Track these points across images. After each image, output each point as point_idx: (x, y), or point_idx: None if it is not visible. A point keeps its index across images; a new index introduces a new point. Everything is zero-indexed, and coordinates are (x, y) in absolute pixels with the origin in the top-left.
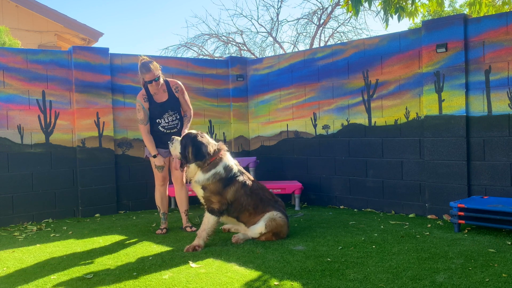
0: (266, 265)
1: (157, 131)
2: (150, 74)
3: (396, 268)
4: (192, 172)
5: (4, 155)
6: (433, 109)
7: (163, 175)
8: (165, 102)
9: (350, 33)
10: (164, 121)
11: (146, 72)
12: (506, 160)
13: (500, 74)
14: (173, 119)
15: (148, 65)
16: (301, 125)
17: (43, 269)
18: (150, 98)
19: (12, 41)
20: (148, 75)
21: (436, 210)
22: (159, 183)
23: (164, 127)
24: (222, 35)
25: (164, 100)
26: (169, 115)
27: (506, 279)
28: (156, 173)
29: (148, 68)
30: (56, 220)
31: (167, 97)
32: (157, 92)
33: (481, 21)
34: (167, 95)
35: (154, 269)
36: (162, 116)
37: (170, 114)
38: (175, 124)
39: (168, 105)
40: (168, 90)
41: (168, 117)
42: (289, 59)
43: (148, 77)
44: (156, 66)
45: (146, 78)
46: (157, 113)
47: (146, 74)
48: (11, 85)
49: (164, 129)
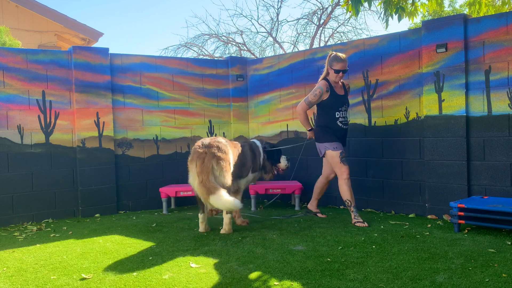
0: (266, 265)
1: (335, 126)
2: (343, 64)
3: (396, 268)
4: None
5: (4, 155)
6: (433, 109)
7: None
8: (343, 96)
9: (350, 33)
10: (342, 115)
11: (340, 61)
12: (506, 160)
13: (500, 74)
14: (346, 115)
15: (342, 56)
16: (301, 125)
17: (43, 269)
18: (332, 88)
19: (12, 41)
20: (341, 64)
21: (436, 210)
22: (345, 176)
23: (342, 122)
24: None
25: (342, 94)
26: (345, 110)
27: (506, 279)
28: (341, 166)
29: (343, 59)
30: (56, 220)
31: (343, 92)
32: (336, 86)
33: (481, 21)
34: (343, 91)
35: (154, 269)
36: (340, 108)
37: (345, 108)
38: (348, 120)
39: (345, 100)
40: (343, 86)
41: (344, 112)
42: (289, 59)
43: (341, 66)
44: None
45: (338, 67)
46: (337, 103)
47: (340, 63)
48: (11, 85)
49: (341, 124)
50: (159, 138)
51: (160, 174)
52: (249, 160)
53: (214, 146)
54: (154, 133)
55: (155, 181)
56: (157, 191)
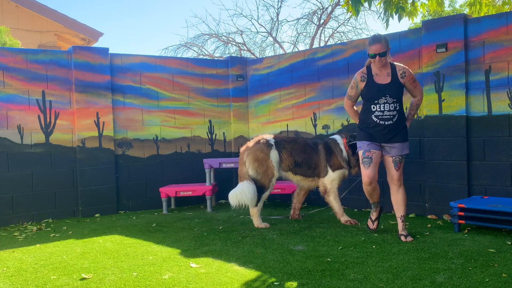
0: (266, 265)
1: (370, 121)
2: (376, 47)
3: (396, 268)
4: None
5: (4, 155)
6: (433, 109)
7: (369, 172)
8: (385, 85)
9: (350, 33)
10: (379, 108)
11: (372, 44)
12: (506, 160)
13: (500, 74)
14: (390, 108)
15: (377, 37)
16: (301, 125)
17: (43, 269)
18: (369, 77)
19: (12, 41)
20: (373, 47)
21: (436, 210)
22: (364, 181)
23: (377, 116)
24: (222, 35)
25: (384, 83)
26: (386, 102)
27: (506, 279)
28: (362, 168)
29: (376, 39)
30: (56, 220)
31: (389, 80)
32: (379, 74)
33: (481, 21)
34: (390, 78)
35: (154, 269)
36: (378, 100)
37: (387, 100)
38: (391, 115)
39: (387, 89)
40: (393, 74)
41: (384, 105)
42: (289, 59)
43: (373, 50)
44: (386, 42)
45: (370, 50)
46: (373, 94)
47: (372, 45)
48: (11, 85)
49: (377, 119)
50: (159, 138)
51: (160, 174)
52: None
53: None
54: (154, 133)
55: (155, 181)
56: (157, 191)
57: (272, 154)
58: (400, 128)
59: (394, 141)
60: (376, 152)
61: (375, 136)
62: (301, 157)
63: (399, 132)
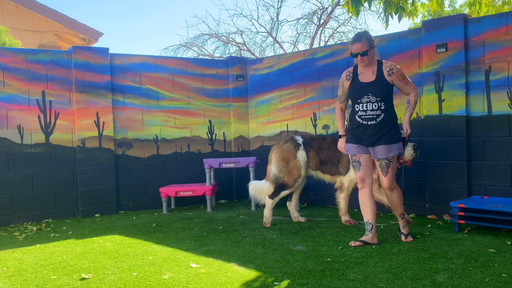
0: (266, 265)
1: (354, 122)
2: (357, 46)
3: (396, 268)
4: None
5: (4, 155)
6: (433, 109)
7: (360, 175)
8: (368, 83)
9: (350, 33)
10: (362, 108)
11: (353, 43)
12: (506, 160)
13: (500, 74)
14: (373, 108)
15: (358, 36)
16: (301, 125)
17: (43, 269)
18: (354, 76)
19: (12, 41)
20: (354, 46)
21: (436, 210)
22: (358, 185)
23: (360, 116)
24: (222, 35)
25: (368, 81)
26: (369, 101)
27: (506, 279)
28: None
29: (356, 39)
30: (56, 220)
31: (374, 79)
32: (364, 72)
33: (481, 21)
34: (375, 77)
35: (154, 269)
36: (360, 100)
37: (370, 99)
38: (374, 115)
39: (370, 88)
40: (378, 72)
41: (367, 104)
42: (289, 59)
43: (354, 49)
44: (368, 41)
45: (352, 49)
46: (355, 94)
47: (353, 44)
48: (11, 85)
49: (360, 119)
50: (159, 138)
51: (160, 174)
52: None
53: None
54: (154, 133)
55: (155, 181)
56: (157, 191)
57: (299, 154)
58: (388, 129)
59: (379, 143)
60: (363, 155)
61: (360, 137)
62: (325, 155)
63: (385, 133)
